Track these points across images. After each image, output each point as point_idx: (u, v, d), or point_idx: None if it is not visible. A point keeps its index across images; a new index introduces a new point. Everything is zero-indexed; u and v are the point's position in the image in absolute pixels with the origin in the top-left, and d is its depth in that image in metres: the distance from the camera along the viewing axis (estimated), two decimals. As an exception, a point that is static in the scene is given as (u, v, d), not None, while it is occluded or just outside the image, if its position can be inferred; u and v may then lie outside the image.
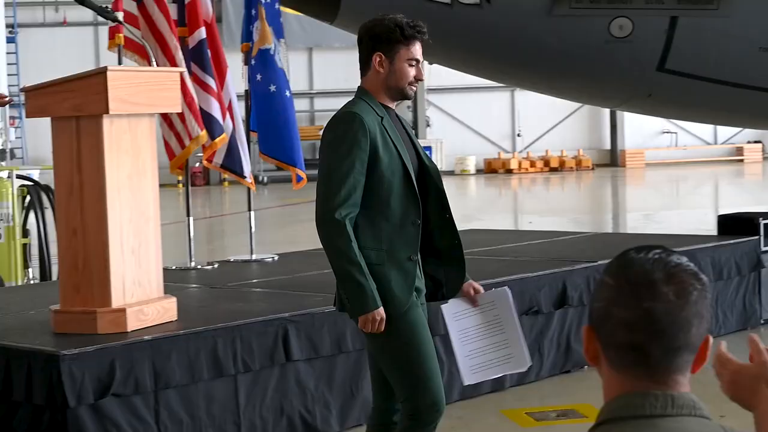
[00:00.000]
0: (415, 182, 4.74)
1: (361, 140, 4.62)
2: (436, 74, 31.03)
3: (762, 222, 9.46)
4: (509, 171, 34.65)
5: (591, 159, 35.70)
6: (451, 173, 34.59)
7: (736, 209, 11.69)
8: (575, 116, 36.21)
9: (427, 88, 35.16)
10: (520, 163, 35.00)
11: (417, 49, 4.81)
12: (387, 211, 4.68)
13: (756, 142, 36.78)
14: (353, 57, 5.36)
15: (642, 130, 35.70)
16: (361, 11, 9.31)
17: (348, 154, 4.62)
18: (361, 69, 4.89)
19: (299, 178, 9.39)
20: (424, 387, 4.68)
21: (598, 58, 9.67)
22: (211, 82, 8.86)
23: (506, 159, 35.34)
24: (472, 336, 4.91)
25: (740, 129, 33.84)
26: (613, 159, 36.77)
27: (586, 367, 7.60)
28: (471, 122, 36.09)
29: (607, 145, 37.15)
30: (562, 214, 20.86)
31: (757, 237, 9.42)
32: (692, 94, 10.11)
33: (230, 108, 9.14)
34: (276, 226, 18.95)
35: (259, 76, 9.28)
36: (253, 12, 9.31)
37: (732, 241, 9.34)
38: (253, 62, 9.31)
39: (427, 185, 4.84)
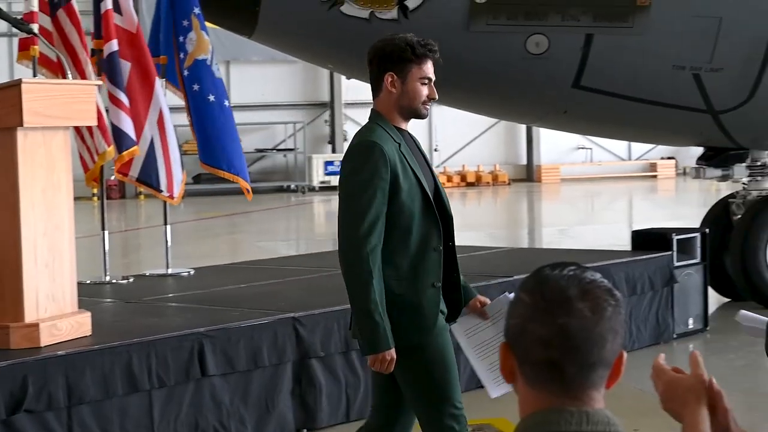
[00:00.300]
0: (435, 207, 4.68)
1: (381, 170, 4.56)
2: (353, 88, 31.08)
3: (675, 238, 9.58)
4: (426, 185, 34.75)
5: (507, 174, 35.93)
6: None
7: (650, 225, 11.82)
8: (492, 131, 36.44)
9: (345, 102, 35.23)
10: (437, 178, 35.12)
11: (429, 68, 4.78)
12: (409, 239, 4.62)
13: (669, 158, 37.24)
14: (270, 71, 5.34)
15: (558, 146, 36.00)
16: (279, 26, 9.31)
17: (369, 184, 4.54)
18: (372, 91, 4.81)
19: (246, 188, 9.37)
20: (449, 413, 4.65)
21: (514, 74, 9.74)
22: (122, 96, 8.73)
23: (423, 174, 35.42)
24: (490, 348, 4.84)
25: (654, 145, 34.26)
26: (529, 174, 37.04)
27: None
28: (388, 137, 36.15)
29: (524, 161, 37.42)
30: (479, 229, 20.96)
31: (670, 252, 9.54)
32: (607, 110, 10.22)
33: (161, 120, 9.03)
34: (192, 240, 18.84)
35: (196, 86, 9.19)
36: (186, 23, 9.21)
37: (646, 257, 9.45)
38: (187, 72, 9.21)
39: (441, 209, 4.76)
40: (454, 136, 35.95)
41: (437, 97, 4.85)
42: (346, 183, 4.63)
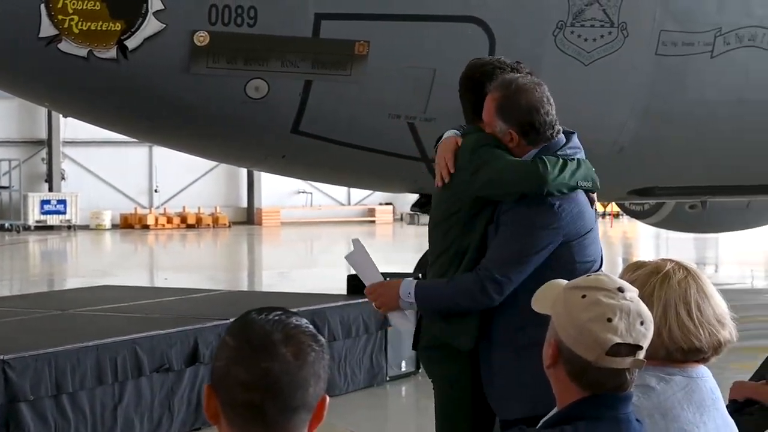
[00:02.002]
0: None
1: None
2: (72, 126, 30.51)
3: (389, 282, 9.77)
4: (146, 227, 34.36)
5: (228, 216, 35.91)
6: (86, 228, 33.95)
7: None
8: (213, 173, 36.36)
9: (63, 141, 34.51)
10: (156, 219, 34.78)
11: None
12: None
13: (387, 204, 38.03)
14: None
15: (278, 190, 36.23)
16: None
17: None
18: (475, 110, 4.62)
19: None
20: None
21: (234, 118, 9.77)
22: None
23: (143, 214, 35.04)
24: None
25: (372, 191, 34.91)
26: (249, 217, 37.12)
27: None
28: (107, 176, 35.60)
29: (244, 203, 37.49)
30: (199, 271, 20.85)
31: (384, 296, 9.71)
32: (325, 156, 10.36)
33: None
34: None
35: None
36: None
37: (360, 300, 9.59)
38: None
39: None
40: (174, 177, 35.71)
41: None
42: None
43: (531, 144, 4.39)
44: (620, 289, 2.63)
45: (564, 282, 2.78)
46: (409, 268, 11.65)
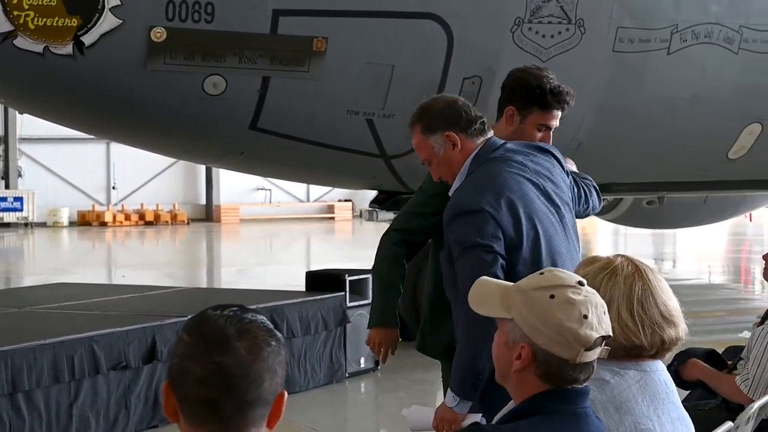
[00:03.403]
0: None
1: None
2: (28, 123, 30.32)
3: (348, 279, 9.79)
4: (104, 224, 34.20)
5: (186, 213, 35.80)
6: (43, 225, 33.76)
7: (326, 266, 12.03)
8: (171, 170, 36.24)
9: (19, 138, 34.29)
10: (114, 216, 34.63)
11: (552, 117, 4.64)
12: None
13: (347, 200, 38.03)
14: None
15: (237, 187, 36.17)
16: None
17: None
18: (498, 111, 4.70)
19: None
20: None
21: (192, 114, 9.75)
22: None
23: (101, 211, 34.87)
24: None
25: (331, 188, 34.92)
26: (208, 214, 37.03)
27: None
28: (65, 173, 35.41)
29: (203, 200, 37.40)
30: (157, 268, 20.76)
31: (342, 293, 9.73)
32: (284, 153, 10.35)
33: None
34: None
35: None
36: None
37: (319, 297, 9.60)
38: None
39: None
40: (132, 174, 35.58)
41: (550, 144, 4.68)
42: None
43: (471, 136, 4.33)
44: (581, 283, 2.65)
45: (498, 281, 2.79)
46: (369, 265, 11.64)
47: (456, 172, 4.35)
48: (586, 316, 2.60)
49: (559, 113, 4.68)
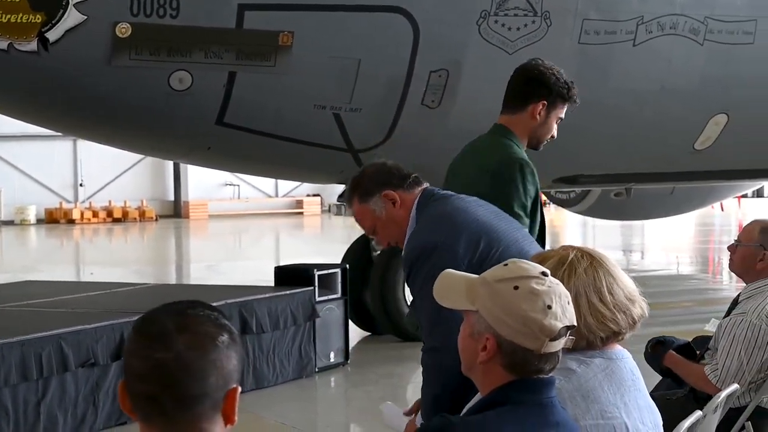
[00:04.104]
0: None
1: (530, 189, 4.59)
2: (-5, 121, 30.10)
3: (317, 273, 9.77)
4: (71, 221, 34.05)
5: (155, 210, 35.68)
6: (10, 223, 33.59)
7: (295, 261, 12.02)
8: (139, 167, 36.10)
9: (-14, 135, 34.07)
10: (82, 214, 34.48)
11: (564, 109, 4.85)
12: None
13: (315, 195, 37.98)
14: None
15: (205, 182, 36.06)
16: None
17: (525, 199, 4.59)
18: (510, 106, 4.74)
19: None
20: None
21: (158, 110, 9.71)
22: None
23: (68, 209, 34.71)
24: None
25: (300, 183, 34.89)
26: (176, 210, 36.90)
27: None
28: (31, 171, 35.22)
29: (171, 197, 37.26)
30: (125, 265, 20.69)
31: (311, 288, 9.71)
32: (251, 148, 10.33)
33: None
34: None
35: None
36: None
37: (288, 292, 9.58)
38: None
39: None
40: (100, 171, 35.42)
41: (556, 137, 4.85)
42: (504, 193, 4.57)
43: (408, 189, 4.16)
44: (544, 274, 2.65)
45: (462, 273, 2.79)
46: (338, 259, 11.65)
47: (404, 228, 4.16)
48: (550, 307, 2.60)
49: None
